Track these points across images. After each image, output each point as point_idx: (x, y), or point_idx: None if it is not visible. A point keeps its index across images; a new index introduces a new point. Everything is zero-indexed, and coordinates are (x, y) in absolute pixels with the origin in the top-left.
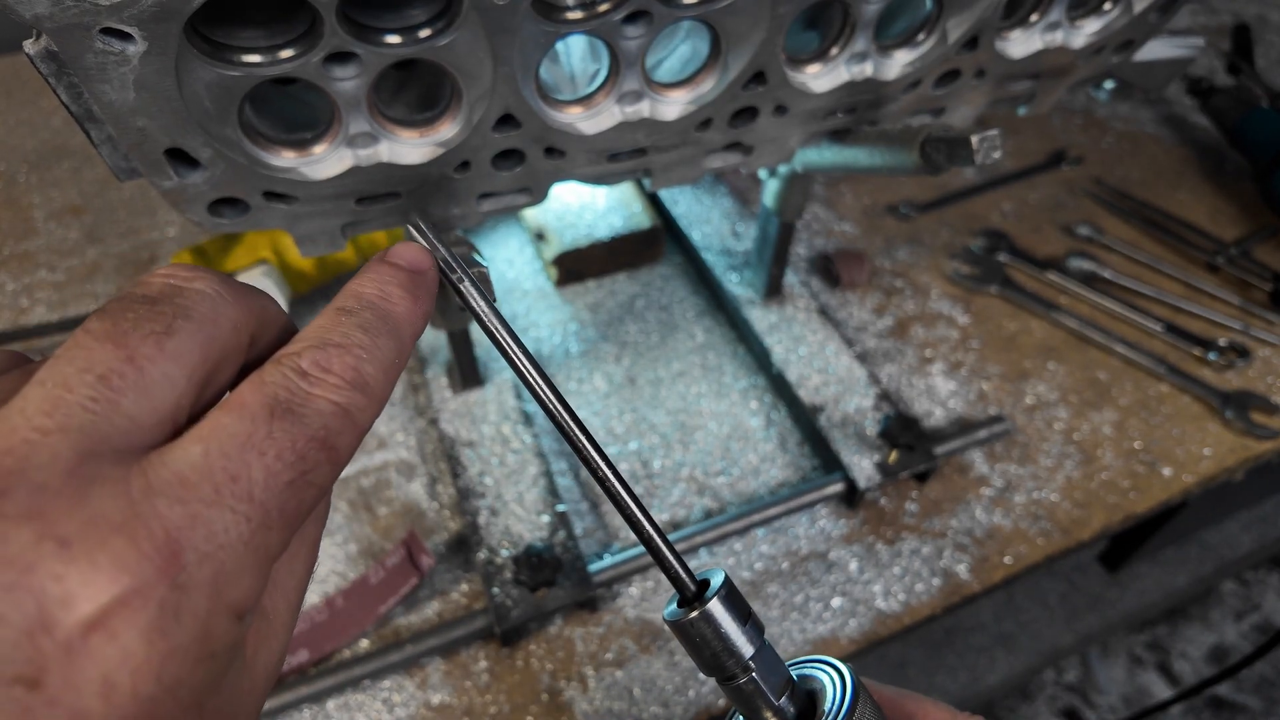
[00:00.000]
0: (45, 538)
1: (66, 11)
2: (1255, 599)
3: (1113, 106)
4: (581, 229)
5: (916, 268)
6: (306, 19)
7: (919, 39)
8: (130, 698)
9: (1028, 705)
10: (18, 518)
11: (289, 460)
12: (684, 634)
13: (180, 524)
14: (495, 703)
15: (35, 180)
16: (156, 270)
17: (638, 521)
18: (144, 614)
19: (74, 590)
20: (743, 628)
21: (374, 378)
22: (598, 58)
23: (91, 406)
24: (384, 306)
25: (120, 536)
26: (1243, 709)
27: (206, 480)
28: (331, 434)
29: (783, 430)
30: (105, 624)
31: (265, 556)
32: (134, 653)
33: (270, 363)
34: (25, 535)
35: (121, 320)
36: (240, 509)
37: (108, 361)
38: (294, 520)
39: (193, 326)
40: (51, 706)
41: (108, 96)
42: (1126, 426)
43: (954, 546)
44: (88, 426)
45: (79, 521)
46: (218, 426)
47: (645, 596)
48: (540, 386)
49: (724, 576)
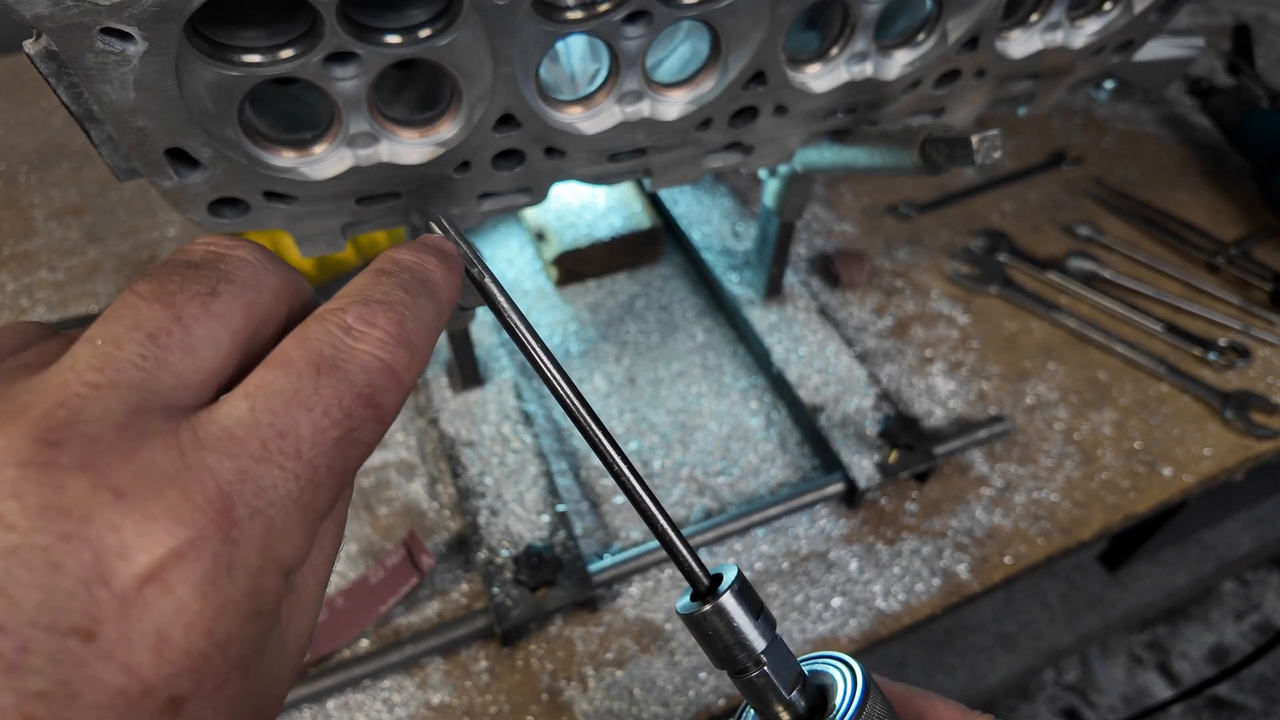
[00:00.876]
0: (101, 488)
1: (67, 11)
2: (1255, 599)
3: (1113, 106)
4: (581, 229)
5: (916, 268)
6: (307, 19)
7: (919, 39)
8: (183, 653)
9: (1028, 705)
10: (73, 468)
11: (336, 417)
12: (697, 627)
13: (231, 478)
14: (495, 702)
15: (35, 180)
16: (197, 240)
17: (651, 515)
18: (198, 567)
19: (130, 541)
20: (755, 622)
21: (416, 335)
22: (598, 58)
23: (140, 363)
24: (421, 270)
25: (173, 489)
26: (1243, 709)
27: (254, 436)
28: (377, 390)
29: (783, 430)
30: (161, 576)
31: (314, 514)
32: (188, 606)
33: (313, 318)
34: (81, 485)
35: (168, 282)
36: (289, 466)
37: (156, 320)
38: (341, 479)
39: (235, 290)
40: (105, 659)
41: (108, 96)
42: (1126, 426)
43: (954, 546)
44: (137, 382)
45: (133, 473)
46: (264, 383)
47: (645, 596)
48: (557, 379)
49: (737, 571)
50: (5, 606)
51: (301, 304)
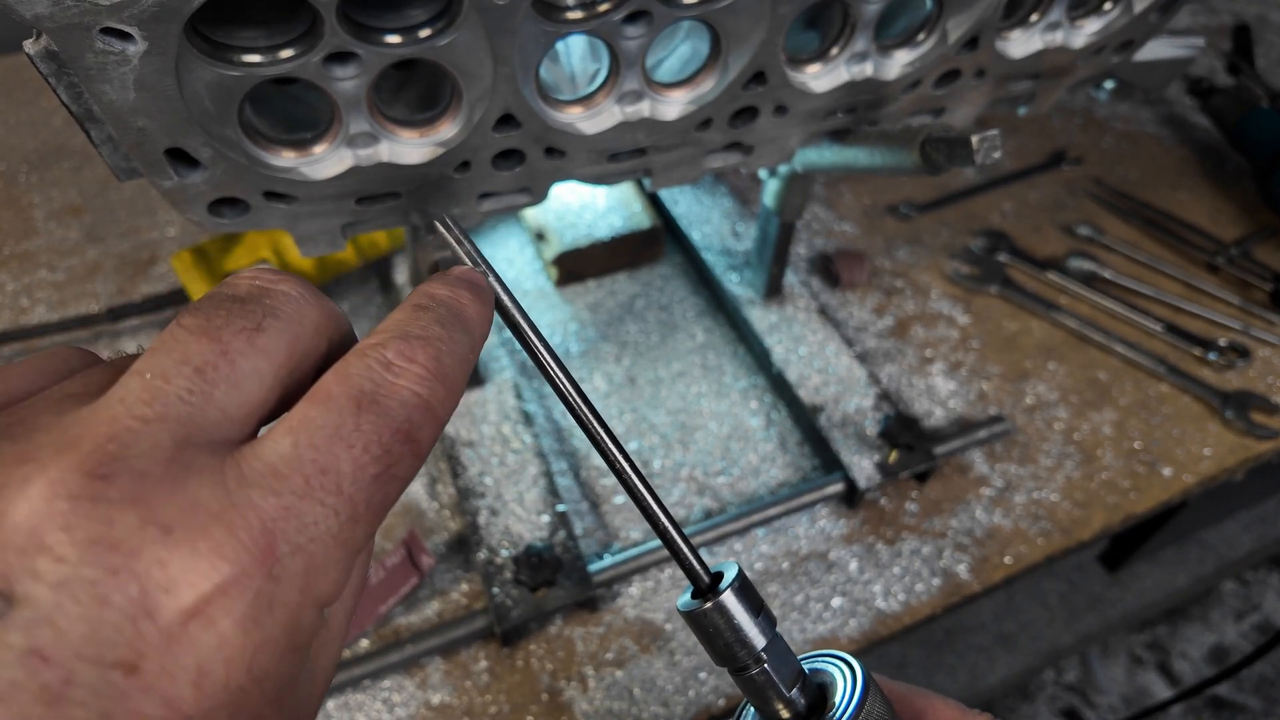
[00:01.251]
0: (149, 523)
1: (67, 11)
2: (1255, 599)
3: (1113, 106)
4: (581, 229)
5: (916, 268)
6: (306, 19)
7: (919, 39)
8: (222, 687)
9: (1028, 705)
10: (122, 502)
11: (376, 453)
12: (697, 624)
13: (274, 515)
14: (495, 703)
15: (35, 180)
16: (241, 272)
17: (653, 512)
18: (241, 603)
19: (176, 576)
20: (755, 619)
21: (453, 370)
22: (598, 58)
23: (188, 398)
24: (456, 305)
25: (219, 525)
26: (1243, 709)
27: (297, 472)
28: (415, 426)
29: (783, 430)
30: (205, 612)
31: (352, 550)
32: (229, 641)
33: (353, 354)
34: (130, 519)
35: (215, 316)
36: (330, 502)
37: (203, 355)
38: (379, 514)
39: (280, 325)
40: (146, 692)
41: (108, 96)
42: (1126, 426)
43: (954, 546)
44: (184, 416)
45: (180, 508)
46: (306, 419)
47: (645, 596)
48: (558, 375)
49: (737, 569)
50: (52, 638)
51: (340, 337)
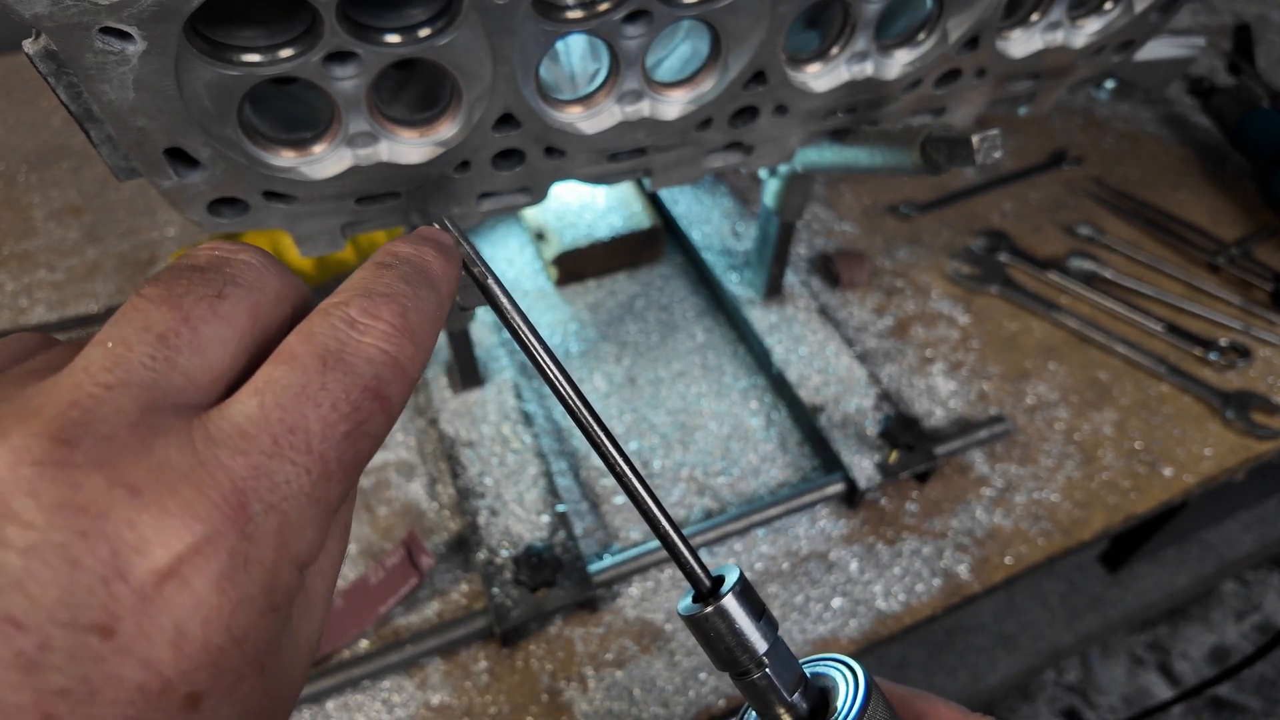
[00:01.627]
0: (116, 485)
1: (66, 11)
2: (1256, 599)
3: (1113, 106)
4: (581, 229)
5: (917, 268)
6: (306, 18)
7: (919, 38)
8: (201, 647)
9: (1028, 705)
10: (88, 465)
11: (344, 410)
12: (698, 628)
13: (245, 474)
14: (495, 703)
15: (35, 180)
16: (202, 244)
17: (653, 515)
18: (215, 562)
19: (148, 537)
20: (757, 623)
21: (420, 326)
22: (598, 57)
23: (150, 364)
24: (421, 262)
25: (189, 485)
26: (1243, 709)
27: (265, 431)
28: (383, 383)
29: (783, 430)
30: (179, 571)
31: (326, 508)
32: (205, 601)
33: (316, 313)
34: (97, 482)
35: (175, 285)
36: (300, 460)
37: (165, 322)
38: (352, 471)
39: (241, 292)
40: (123, 655)
41: (107, 96)
42: (1127, 426)
43: (954, 547)
44: (148, 382)
45: (147, 470)
46: (271, 379)
47: (645, 596)
48: (558, 379)
49: (739, 573)
50: (25, 604)
51: (303, 305)
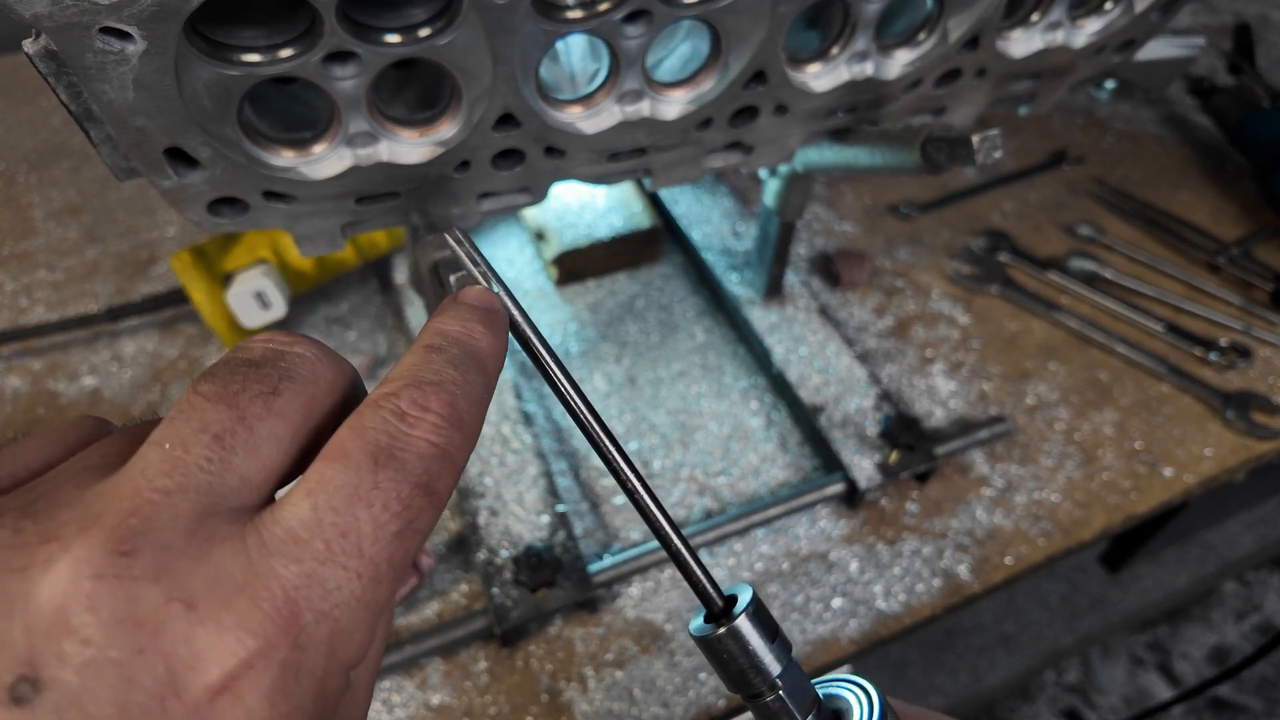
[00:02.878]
0: (173, 598)
1: (66, 11)
2: (1256, 599)
3: (1114, 106)
4: (581, 228)
5: (917, 267)
6: (306, 18)
7: (920, 38)
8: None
9: (1028, 706)
10: (146, 579)
11: (395, 509)
12: (711, 650)
13: (297, 583)
14: (495, 703)
15: (34, 180)
16: (255, 336)
17: (665, 534)
18: (267, 675)
19: (202, 653)
20: (770, 645)
21: (468, 413)
22: (598, 57)
23: (208, 466)
24: (469, 342)
25: (243, 597)
26: (1244, 710)
27: (318, 537)
28: (433, 477)
29: (783, 430)
30: (232, 687)
31: (376, 611)
32: (257, 715)
33: (367, 405)
34: (154, 595)
35: (230, 382)
36: (352, 565)
37: (221, 422)
38: (400, 570)
39: (296, 387)
40: None
41: (107, 96)
42: (1127, 427)
43: (955, 547)
44: (204, 486)
45: (203, 581)
46: (324, 479)
47: (645, 597)
48: (566, 388)
49: (751, 593)
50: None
51: (353, 391)
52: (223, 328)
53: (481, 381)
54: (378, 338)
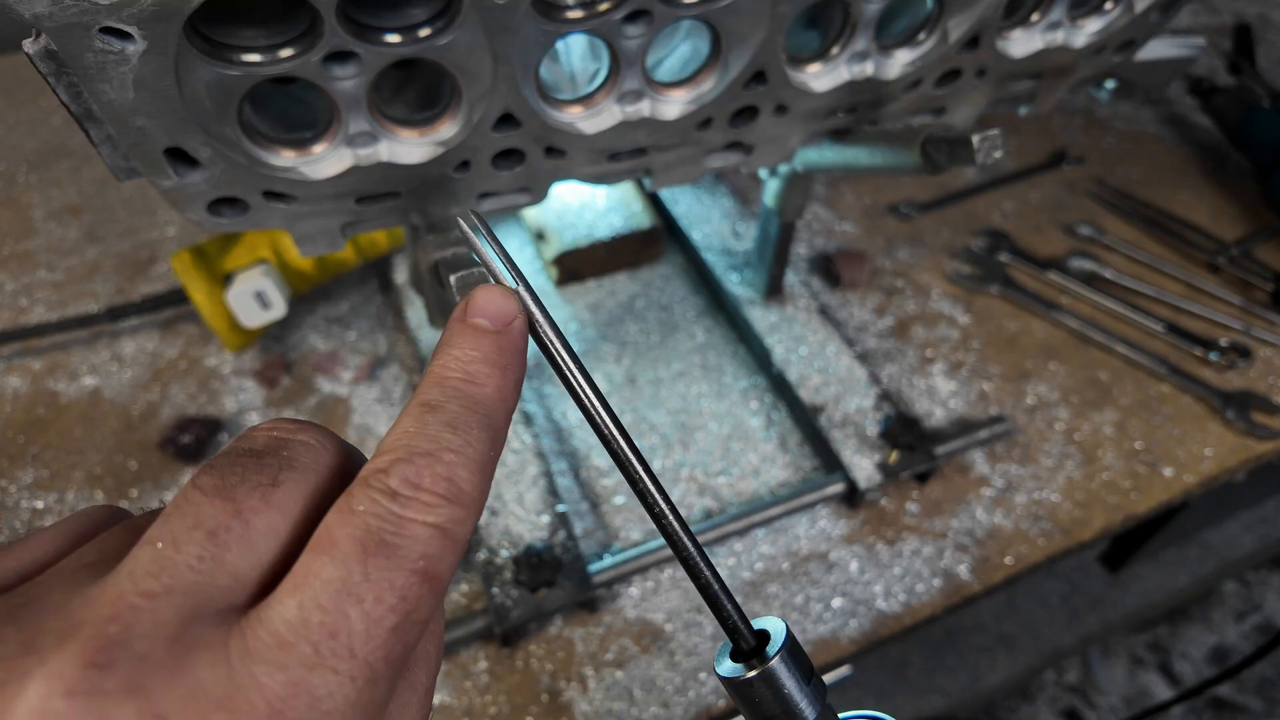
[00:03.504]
0: (145, 715)
1: (66, 11)
2: (1256, 599)
3: (1114, 106)
4: (581, 228)
5: (917, 267)
6: (306, 18)
7: (920, 38)
8: None
9: (1028, 706)
10: (119, 694)
11: (390, 603)
12: (740, 694)
13: (281, 694)
14: (495, 703)
15: (35, 180)
16: (260, 425)
17: (694, 562)
18: None
19: None
20: (805, 687)
21: (469, 482)
22: (598, 57)
23: (198, 566)
24: (470, 391)
25: (220, 712)
26: (1244, 710)
27: (304, 640)
28: (431, 562)
29: (783, 430)
30: None
31: (374, 711)
32: None
33: (357, 484)
34: (127, 713)
35: (229, 474)
36: (343, 669)
37: (216, 517)
38: (399, 665)
39: (298, 477)
40: None
41: (107, 96)
42: (1127, 427)
43: (955, 547)
44: (193, 586)
45: (179, 696)
46: (310, 573)
47: (645, 597)
48: (583, 388)
49: (785, 629)
50: None
51: (354, 468)
52: (223, 327)
53: (487, 439)
54: (378, 338)
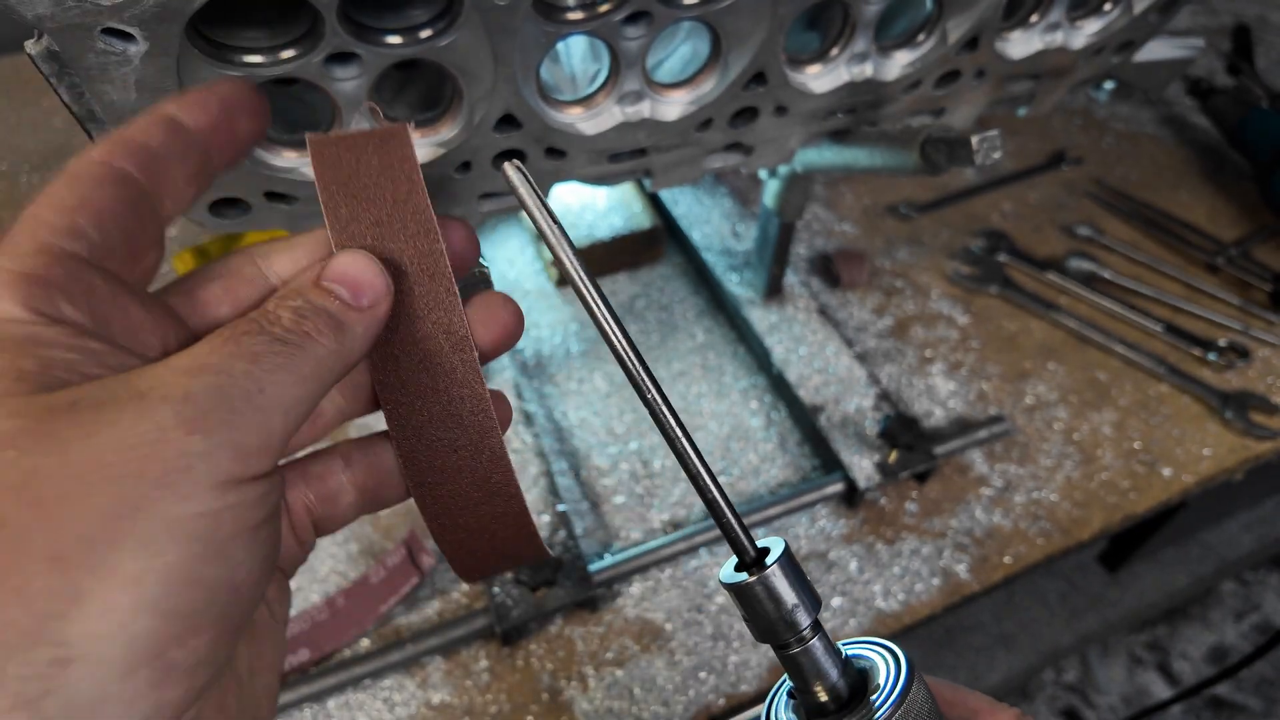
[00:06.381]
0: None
1: (68, 12)
2: (1255, 599)
3: (1112, 107)
4: (582, 229)
5: (916, 268)
6: (307, 19)
7: (919, 39)
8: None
9: (1027, 705)
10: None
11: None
12: (741, 598)
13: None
14: (496, 702)
15: (37, 181)
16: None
17: (702, 480)
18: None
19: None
20: (800, 596)
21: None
22: (598, 58)
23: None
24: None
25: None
26: (1242, 709)
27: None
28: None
29: (783, 430)
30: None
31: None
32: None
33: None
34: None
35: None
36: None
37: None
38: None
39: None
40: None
41: (109, 97)
42: (1126, 427)
43: (954, 546)
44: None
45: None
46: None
47: (645, 596)
48: (621, 342)
49: (784, 545)
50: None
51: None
52: None
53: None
54: None
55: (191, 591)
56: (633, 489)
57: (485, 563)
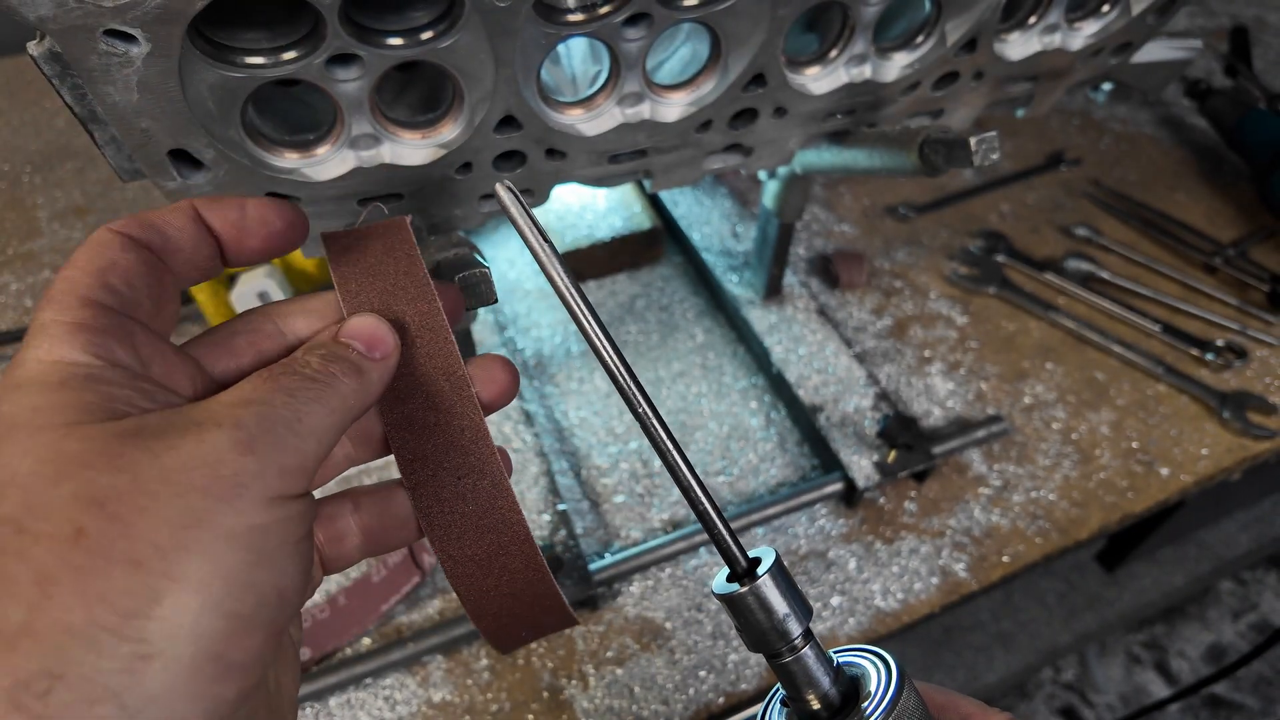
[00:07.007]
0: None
1: (70, 13)
2: (1253, 598)
3: (1110, 108)
4: (582, 229)
5: (915, 268)
6: (309, 21)
7: (918, 41)
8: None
9: (1026, 704)
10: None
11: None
12: (733, 608)
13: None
14: (496, 700)
15: (39, 181)
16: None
17: (693, 493)
18: None
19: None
20: (791, 605)
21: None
22: (598, 59)
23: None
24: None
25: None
26: (1240, 708)
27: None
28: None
29: (782, 430)
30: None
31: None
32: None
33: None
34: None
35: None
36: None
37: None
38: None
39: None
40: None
41: (111, 98)
42: (1124, 426)
43: (952, 545)
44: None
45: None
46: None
47: (645, 595)
48: (610, 355)
49: (775, 555)
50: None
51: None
52: None
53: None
54: None
55: (247, 595)
56: (633, 488)
57: (503, 617)
